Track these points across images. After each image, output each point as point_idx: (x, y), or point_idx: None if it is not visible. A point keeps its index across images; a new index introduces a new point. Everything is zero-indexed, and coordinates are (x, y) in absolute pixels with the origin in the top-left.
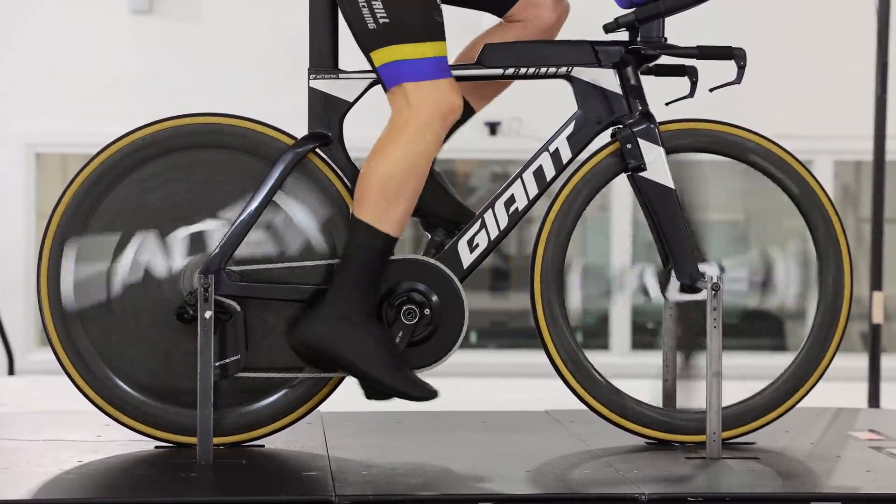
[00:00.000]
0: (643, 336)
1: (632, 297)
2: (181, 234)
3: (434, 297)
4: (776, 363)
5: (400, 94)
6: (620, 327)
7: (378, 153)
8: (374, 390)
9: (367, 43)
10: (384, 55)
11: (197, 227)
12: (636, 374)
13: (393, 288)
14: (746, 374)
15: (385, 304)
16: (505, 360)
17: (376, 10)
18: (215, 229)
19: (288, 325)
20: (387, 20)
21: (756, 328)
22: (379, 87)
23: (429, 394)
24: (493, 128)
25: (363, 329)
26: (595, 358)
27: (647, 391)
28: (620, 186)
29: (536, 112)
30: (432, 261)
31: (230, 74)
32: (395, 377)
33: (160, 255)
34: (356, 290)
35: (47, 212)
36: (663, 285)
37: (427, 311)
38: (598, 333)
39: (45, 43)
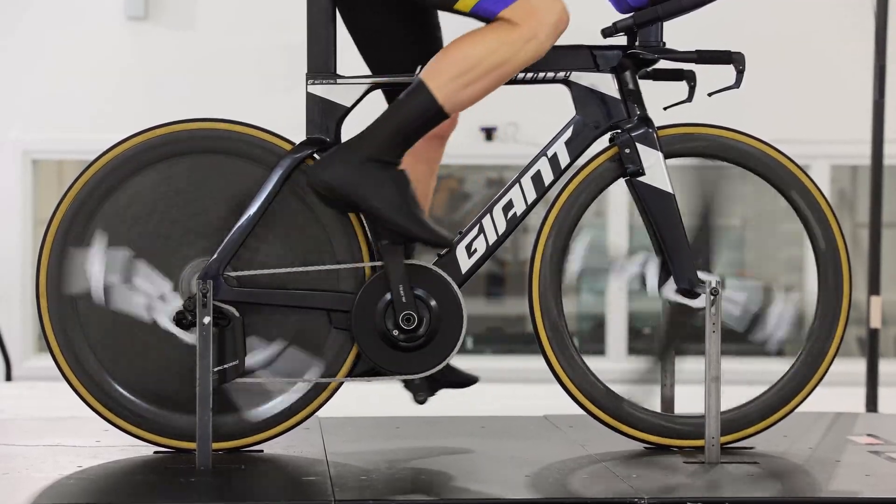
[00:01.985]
0: (640, 341)
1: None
2: (180, 240)
3: (432, 302)
4: (772, 368)
5: (502, 24)
6: (616, 333)
7: (474, 36)
8: (390, 231)
9: (445, 0)
10: (466, 1)
11: (195, 232)
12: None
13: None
14: (742, 379)
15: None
16: (501, 365)
17: None
18: (213, 234)
19: (310, 167)
20: None
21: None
22: (377, 93)
23: (442, 240)
24: (488, 133)
25: (386, 173)
26: (591, 363)
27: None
28: (617, 191)
29: (532, 117)
30: (430, 266)
31: (226, 81)
32: (412, 221)
33: (159, 260)
34: (390, 139)
35: (44, 218)
36: (662, 281)
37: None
38: (594, 339)
39: (41, 49)
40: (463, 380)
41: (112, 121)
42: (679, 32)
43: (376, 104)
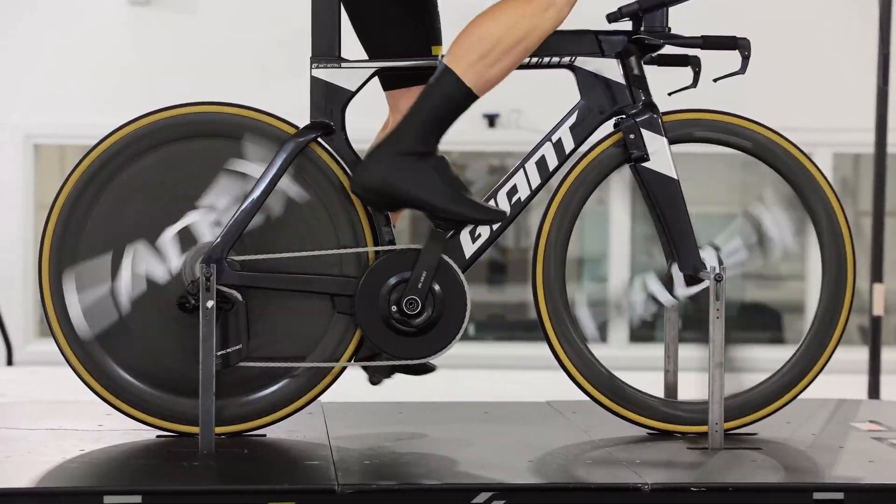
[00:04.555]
0: (642, 329)
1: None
2: (184, 223)
3: (436, 288)
4: (775, 356)
5: None
6: (618, 320)
7: (493, 12)
8: (443, 219)
9: None
10: None
11: (199, 216)
12: (634, 366)
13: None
14: (745, 366)
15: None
16: (503, 352)
17: None
18: (217, 218)
19: (352, 175)
20: None
21: (755, 321)
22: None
23: (495, 214)
24: (491, 120)
25: (425, 163)
26: (594, 350)
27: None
28: (620, 177)
29: (535, 104)
30: None
31: (229, 66)
32: (463, 204)
33: (163, 244)
34: (423, 130)
35: (45, 203)
36: (668, 285)
37: (429, 302)
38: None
39: (44, 33)
40: (420, 367)
41: (115, 104)
42: (682, 19)
43: (380, 90)
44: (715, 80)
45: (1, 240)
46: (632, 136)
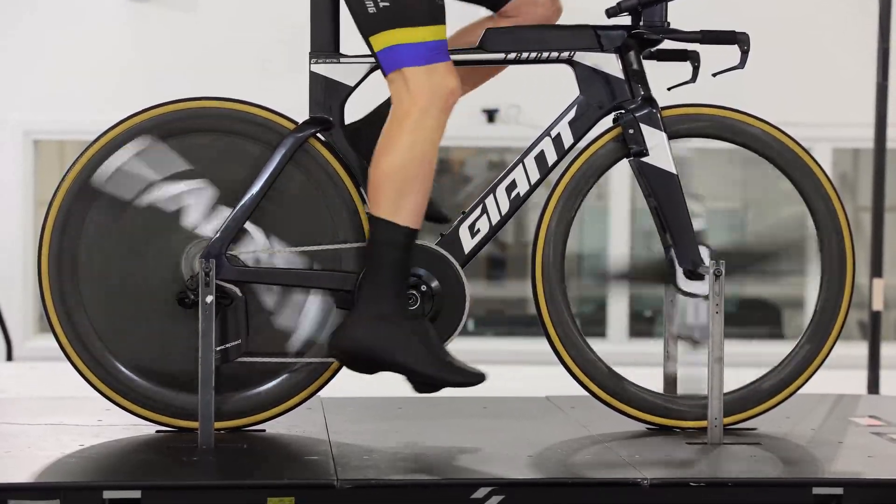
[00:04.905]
0: (641, 324)
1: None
2: (182, 219)
3: (435, 283)
4: (774, 351)
5: (398, 79)
6: (618, 315)
7: (384, 148)
8: (423, 384)
9: (367, 27)
10: (382, 40)
11: (198, 211)
12: (634, 362)
13: None
14: (744, 362)
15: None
16: (502, 347)
17: None
18: (216, 213)
19: (329, 336)
20: (387, 3)
21: (754, 317)
22: (380, 72)
23: (476, 378)
24: (490, 115)
25: (401, 326)
26: (593, 346)
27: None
28: (619, 173)
29: (535, 99)
30: (434, 246)
31: (229, 63)
32: (442, 368)
33: (160, 239)
34: (387, 288)
35: (45, 199)
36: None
37: (428, 297)
38: (595, 321)
39: (44, 29)
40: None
41: (114, 100)
42: (681, 14)
43: (381, 84)
44: (714, 75)
45: (0, 236)
46: (631, 131)
